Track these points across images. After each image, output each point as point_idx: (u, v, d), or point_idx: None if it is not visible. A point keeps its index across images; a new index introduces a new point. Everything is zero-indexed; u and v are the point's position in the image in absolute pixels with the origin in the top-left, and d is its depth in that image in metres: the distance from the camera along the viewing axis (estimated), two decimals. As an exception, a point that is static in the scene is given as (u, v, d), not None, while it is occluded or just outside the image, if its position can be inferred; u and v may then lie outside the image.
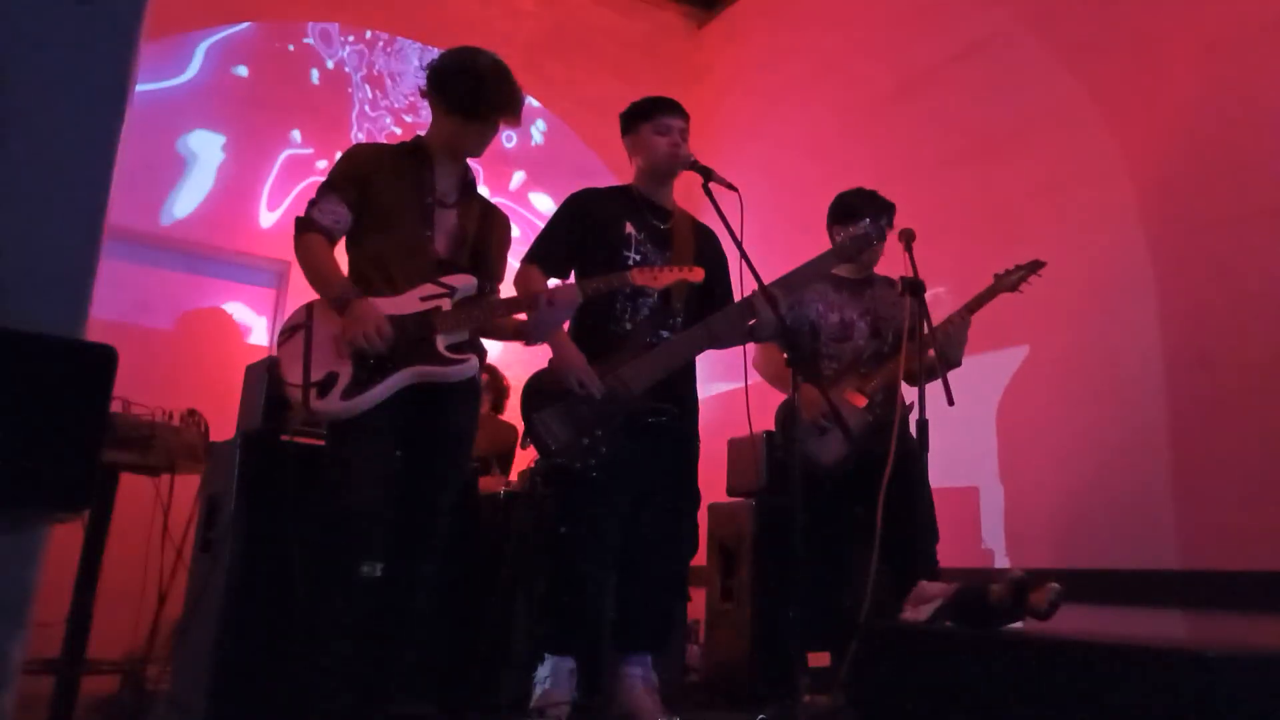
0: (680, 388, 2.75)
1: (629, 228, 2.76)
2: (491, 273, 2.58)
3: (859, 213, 3.04)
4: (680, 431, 2.76)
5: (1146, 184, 3.49)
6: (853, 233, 2.82)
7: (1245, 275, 3.11)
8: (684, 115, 2.84)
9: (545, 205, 5.57)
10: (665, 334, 2.72)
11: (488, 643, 2.96)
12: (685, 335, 2.68)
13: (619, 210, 2.79)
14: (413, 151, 2.54)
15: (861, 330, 3.11)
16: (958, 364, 2.99)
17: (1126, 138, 3.58)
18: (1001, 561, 3.61)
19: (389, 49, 5.30)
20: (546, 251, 2.72)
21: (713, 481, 3.85)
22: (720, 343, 2.73)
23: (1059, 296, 3.06)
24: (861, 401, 2.91)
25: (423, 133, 2.58)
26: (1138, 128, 3.55)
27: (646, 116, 2.82)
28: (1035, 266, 3.08)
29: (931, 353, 2.95)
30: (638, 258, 2.72)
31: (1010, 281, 3.06)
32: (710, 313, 2.73)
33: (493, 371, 4.52)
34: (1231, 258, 3.16)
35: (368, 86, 5.25)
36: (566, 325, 2.76)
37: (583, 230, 2.75)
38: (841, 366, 3.07)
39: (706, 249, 2.84)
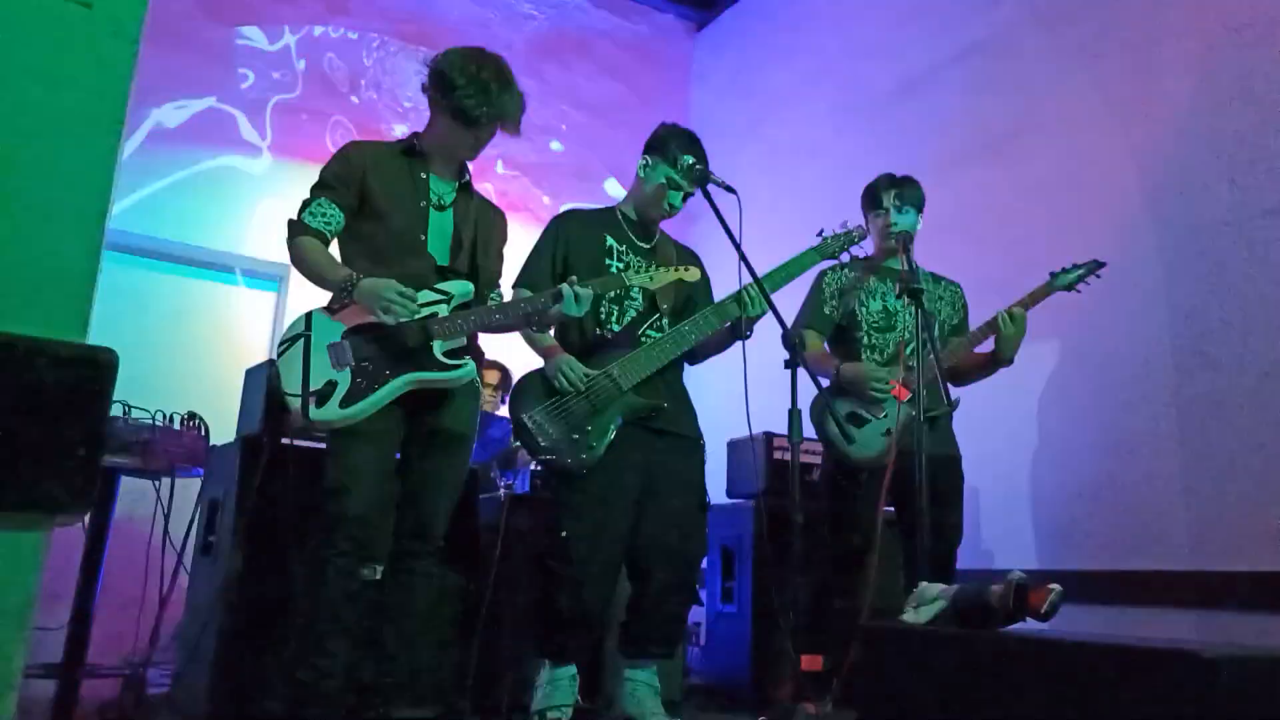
0: (670, 384, 2.78)
1: (611, 240, 2.82)
2: (489, 275, 2.58)
3: (878, 199, 3.03)
4: (683, 433, 2.78)
5: (1148, 184, 3.49)
6: (837, 231, 2.84)
7: (1249, 275, 3.11)
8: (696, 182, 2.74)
9: (543, 208, 5.56)
10: (653, 334, 2.76)
11: (488, 645, 2.95)
12: (673, 333, 2.72)
13: (603, 228, 2.85)
14: (408, 151, 2.52)
15: (906, 320, 3.01)
16: (1010, 361, 2.93)
17: (1127, 138, 3.59)
18: (1002, 563, 3.61)
19: (384, 53, 5.30)
20: (533, 275, 2.76)
21: (713, 483, 3.85)
22: (707, 344, 2.80)
23: (1062, 296, 3.06)
24: (903, 394, 2.80)
25: (420, 130, 2.57)
26: (1139, 127, 3.55)
27: (675, 166, 2.74)
28: (1094, 266, 2.98)
29: (983, 349, 2.96)
30: (621, 267, 2.77)
31: (1066, 281, 2.96)
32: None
33: (502, 369, 4.51)
34: (1235, 258, 3.16)
35: (371, 90, 5.25)
36: (553, 329, 2.77)
37: (566, 248, 2.80)
38: (885, 359, 2.98)
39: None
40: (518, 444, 2.64)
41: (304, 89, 5.03)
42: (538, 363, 2.72)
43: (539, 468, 3.19)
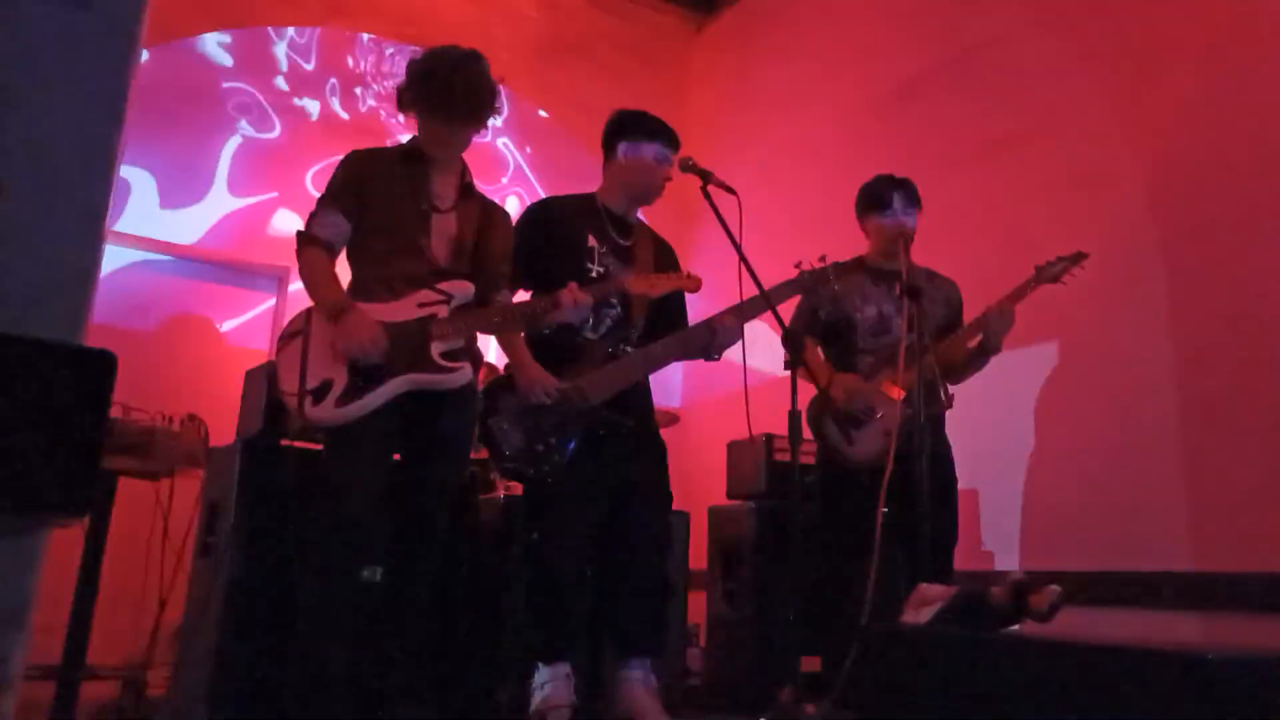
0: (636, 399, 2.76)
1: (591, 240, 2.76)
2: (492, 276, 2.57)
3: (886, 199, 3.05)
4: (644, 435, 2.77)
5: (1149, 185, 3.49)
6: (811, 267, 2.81)
7: (1249, 275, 3.11)
8: (678, 150, 2.82)
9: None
10: (626, 346, 2.72)
11: (487, 646, 2.95)
12: (645, 351, 2.70)
13: (582, 221, 2.79)
14: (408, 155, 2.53)
15: (900, 324, 2.99)
16: (998, 349, 2.97)
17: (1129, 139, 3.59)
18: (1002, 564, 3.61)
19: (379, 54, 5.30)
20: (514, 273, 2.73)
21: (712, 485, 3.85)
22: (682, 357, 2.78)
23: (1062, 297, 3.06)
24: (898, 394, 2.82)
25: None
26: (1140, 129, 3.55)
27: (653, 137, 2.78)
28: (1078, 258, 3.00)
29: (973, 343, 2.97)
30: (600, 269, 2.73)
31: (1052, 273, 2.99)
32: (665, 329, 2.76)
33: (493, 369, 4.51)
34: (1235, 257, 3.16)
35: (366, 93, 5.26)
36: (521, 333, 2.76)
37: (544, 241, 2.75)
38: (878, 360, 3.01)
39: (665, 266, 2.85)
40: (480, 446, 2.63)
41: (302, 89, 5.03)
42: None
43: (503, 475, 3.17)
